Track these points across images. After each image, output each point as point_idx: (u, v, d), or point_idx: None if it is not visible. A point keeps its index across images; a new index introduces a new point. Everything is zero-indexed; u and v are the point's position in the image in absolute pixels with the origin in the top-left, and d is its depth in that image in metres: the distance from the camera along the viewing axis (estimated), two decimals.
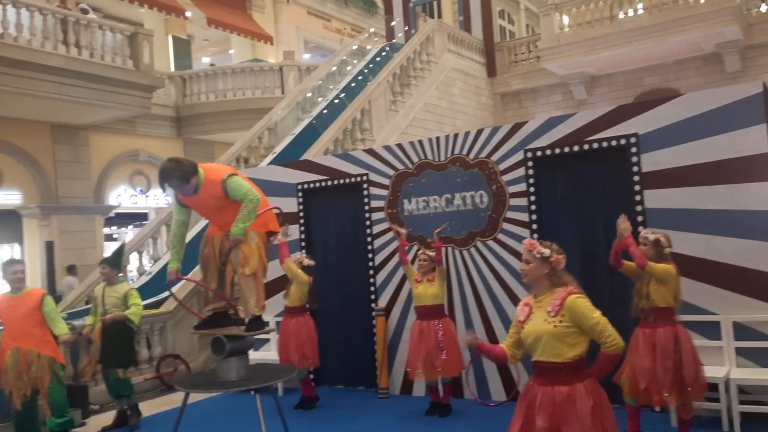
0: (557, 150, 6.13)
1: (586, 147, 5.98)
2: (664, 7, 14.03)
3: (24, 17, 11.09)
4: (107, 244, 15.07)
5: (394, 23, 19.22)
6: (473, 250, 6.67)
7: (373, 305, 7.25)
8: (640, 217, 5.64)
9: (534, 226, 6.25)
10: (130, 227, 16.77)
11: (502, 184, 6.50)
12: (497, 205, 6.52)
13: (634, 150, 5.72)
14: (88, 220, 14.13)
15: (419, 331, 6.04)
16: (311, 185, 7.75)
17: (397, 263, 7.01)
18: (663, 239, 4.72)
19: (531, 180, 6.28)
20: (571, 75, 15.93)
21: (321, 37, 22.32)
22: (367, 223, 7.35)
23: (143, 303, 7.46)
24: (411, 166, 7.10)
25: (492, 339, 6.44)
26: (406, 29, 18.70)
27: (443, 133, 8.12)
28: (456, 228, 6.76)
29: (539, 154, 6.24)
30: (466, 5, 18.15)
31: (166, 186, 4.23)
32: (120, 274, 6.68)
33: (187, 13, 16.89)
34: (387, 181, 7.25)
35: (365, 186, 7.36)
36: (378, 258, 7.28)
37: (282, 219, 4.82)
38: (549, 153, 6.18)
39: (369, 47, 17.44)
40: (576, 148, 6.03)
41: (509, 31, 20.59)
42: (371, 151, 7.51)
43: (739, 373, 5.14)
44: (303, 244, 7.75)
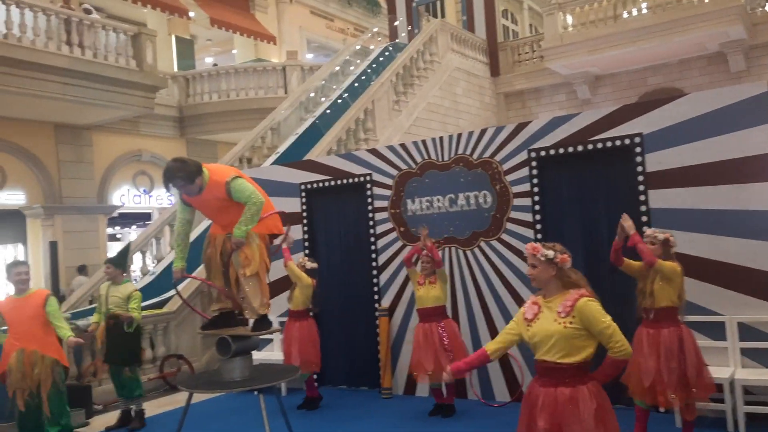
0: (561, 150, 6.12)
1: (590, 147, 5.97)
2: (668, 7, 14.00)
3: (28, 17, 11.11)
4: (110, 244, 15.10)
5: (397, 23, 19.21)
6: (477, 250, 6.65)
7: (377, 305, 7.24)
8: (644, 217, 5.62)
9: (538, 226, 6.23)
10: (133, 227, 16.81)
11: (505, 184, 6.49)
12: (501, 205, 6.51)
13: (638, 150, 5.71)
14: (91, 220, 14.15)
15: (423, 334, 6.02)
16: (314, 185, 7.75)
17: (401, 263, 7.01)
18: (672, 238, 4.75)
19: (535, 180, 6.27)
20: (575, 75, 15.90)
21: (324, 37, 22.33)
22: (371, 223, 7.34)
23: (147, 303, 7.47)
24: (414, 166, 7.09)
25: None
26: (409, 29, 18.69)
27: (446, 133, 8.10)
28: (460, 228, 6.75)
29: (543, 154, 6.22)
30: (469, 5, 18.14)
31: (170, 186, 4.24)
32: (125, 274, 6.67)
33: (191, 14, 16.92)
34: (390, 181, 7.24)
35: (368, 186, 7.35)
36: (381, 258, 7.27)
37: (287, 226, 4.83)
38: (553, 153, 6.17)
39: (372, 47, 17.44)
40: (580, 148, 6.01)
41: (512, 31, 20.55)
42: (374, 151, 7.50)
43: (744, 374, 5.13)
44: (306, 244, 7.75)
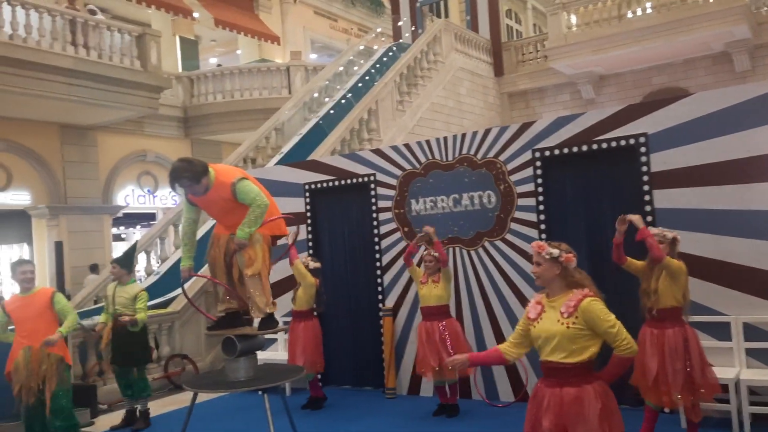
0: (565, 150, 6.11)
1: (594, 147, 5.96)
2: (672, 6, 13.98)
3: (33, 18, 11.15)
4: (115, 244, 15.14)
5: (401, 23, 19.22)
6: (481, 250, 6.65)
7: (381, 305, 7.24)
8: (649, 217, 5.60)
9: (542, 226, 6.22)
10: (137, 227, 16.85)
11: (510, 184, 6.48)
12: (505, 205, 6.51)
13: (643, 150, 5.69)
14: (96, 220, 14.19)
15: (426, 332, 6.04)
16: (318, 185, 7.76)
17: (404, 263, 7.00)
18: (678, 237, 4.75)
19: (539, 180, 6.26)
20: (579, 74, 15.88)
21: (328, 37, 22.33)
22: (375, 224, 7.34)
23: (152, 303, 7.47)
24: (418, 166, 7.09)
25: (500, 340, 6.42)
26: (413, 29, 18.70)
27: (450, 133, 8.10)
28: (464, 228, 6.74)
29: (547, 154, 6.21)
30: (473, 5, 18.13)
31: (176, 185, 4.25)
32: (131, 274, 6.67)
33: (195, 14, 16.93)
34: (394, 181, 7.24)
35: (372, 186, 7.36)
36: (385, 258, 7.27)
37: (296, 225, 4.85)
38: (557, 153, 6.16)
39: (376, 47, 17.44)
40: (584, 147, 6.00)
41: (516, 31, 20.56)
42: (378, 151, 7.50)
43: (749, 374, 5.11)
44: (310, 244, 7.76)
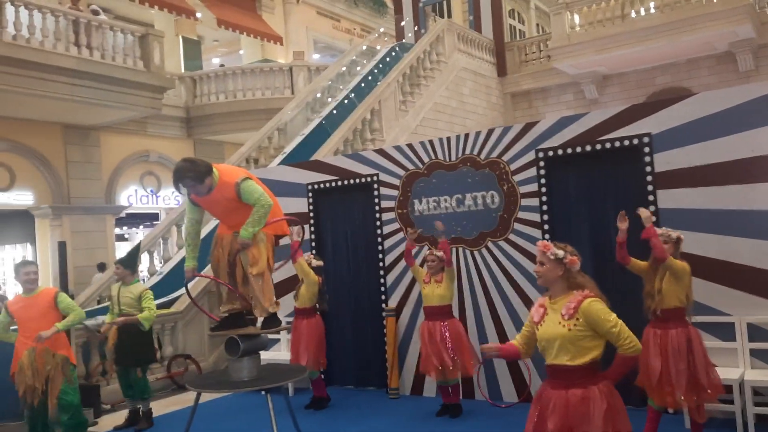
0: (569, 150, 6.10)
1: (598, 147, 5.95)
2: (676, 6, 13.94)
3: (36, 19, 11.17)
4: (118, 244, 15.16)
5: (403, 23, 19.21)
6: (484, 250, 6.64)
7: (384, 305, 7.24)
8: (653, 218, 5.57)
9: (545, 226, 6.22)
10: (140, 227, 16.87)
11: (513, 184, 6.47)
12: (508, 206, 6.50)
13: (647, 150, 5.68)
14: (99, 220, 14.22)
15: (428, 332, 6.05)
16: (321, 185, 7.76)
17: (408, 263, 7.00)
18: (682, 237, 4.76)
19: (542, 180, 6.26)
20: (583, 74, 15.85)
21: (330, 38, 22.34)
22: (378, 224, 7.34)
23: (155, 303, 7.42)
24: (422, 166, 7.08)
25: (503, 340, 6.42)
26: (415, 29, 18.68)
27: (453, 133, 8.10)
28: (467, 228, 6.73)
29: (551, 154, 6.20)
30: (476, 5, 18.11)
31: (180, 185, 4.25)
32: (134, 274, 6.65)
33: (198, 14, 16.95)
34: (397, 182, 7.23)
35: (375, 186, 7.35)
36: (388, 258, 7.27)
37: (299, 223, 4.86)
38: (561, 153, 6.15)
39: (379, 47, 17.43)
40: (588, 147, 5.99)
41: (519, 31, 20.53)
42: (381, 152, 7.50)
43: (754, 375, 5.10)
44: (313, 244, 7.75)
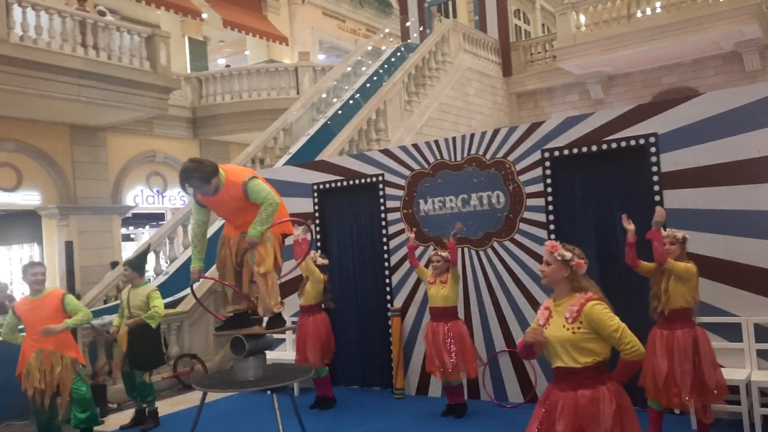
0: (575, 150, 6.09)
1: (604, 147, 5.93)
2: (682, 6, 13.89)
3: (43, 20, 11.21)
4: (124, 244, 15.21)
5: (409, 23, 19.21)
6: (490, 250, 6.63)
7: (389, 305, 7.24)
8: (663, 221, 5.56)
9: (551, 226, 6.20)
10: (146, 227, 16.92)
11: (518, 184, 6.46)
12: (514, 206, 6.49)
13: (653, 150, 5.66)
14: (105, 220, 14.26)
15: (432, 332, 6.06)
16: (327, 185, 7.76)
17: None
18: (687, 237, 4.76)
19: (548, 180, 6.24)
20: (588, 74, 15.82)
21: (336, 38, 22.35)
22: (383, 224, 7.34)
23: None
24: (427, 166, 7.08)
25: (508, 340, 6.43)
26: (421, 29, 18.68)
27: (458, 134, 8.09)
28: (472, 228, 6.73)
29: (557, 154, 6.19)
30: (481, 5, 18.10)
31: (186, 186, 4.26)
32: (143, 276, 6.63)
33: (203, 15, 16.99)
34: (403, 182, 7.23)
35: (381, 186, 7.35)
36: (393, 258, 7.27)
37: (308, 220, 4.88)
38: (567, 153, 6.14)
39: (384, 48, 17.44)
40: (594, 148, 5.98)
41: (525, 31, 20.51)
42: (387, 152, 7.50)
43: (760, 376, 5.06)
44: (319, 244, 7.76)
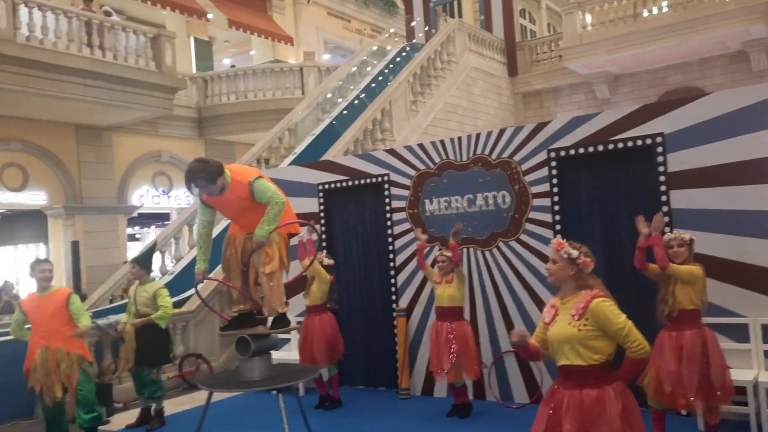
0: (581, 150, 6.07)
1: (610, 147, 5.91)
2: (688, 5, 13.84)
3: (50, 20, 11.25)
4: (130, 243, 15.24)
5: (414, 23, 19.19)
6: (495, 250, 6.62)
7: (394, 306, 7.23)
8: (666, 218, 5.54)
9: (557, 226, 6.18)
10: (152, 227, 16.95)
11: (524, 184, 6.45)
12: (520, 206, 6.47)
13: (660, 150, 5.64)
14: (111, 220, 14.29)
15: (435, 332, 6.07)
16: (332, 185, 7.76)
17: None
18: (694, 239, 4.75)
19: (554, 180, 6.22)
20: (594, 74, 15.77)
21: (341, 38, 22.36)
22: (388, 224, 7.33)
23: None
24: (432, 166, 7.07)
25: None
26: (426, 29, 18.66)
27: (464, 133, 8.07)
28: (478, 228, 6.72)
29: (563, 153, 6.17)
30: (486, 5, 18.07)
31: (192, 186, 4.26)
32: (150, 273, 6.66)
33: (209, 15, 17.02)
34: (408, 182, 7.22)
35: (386, 186, 7.35)
36: (399, 258, 7.26)
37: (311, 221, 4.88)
38: (573, 153, 6.12)
39: (389, 47, 17.43)
40: (600, 147, 5.95)
41: (530, 31, 20.47)
42: (392, 151, 7.49)
43: None
44: (324, 244, 7.76)
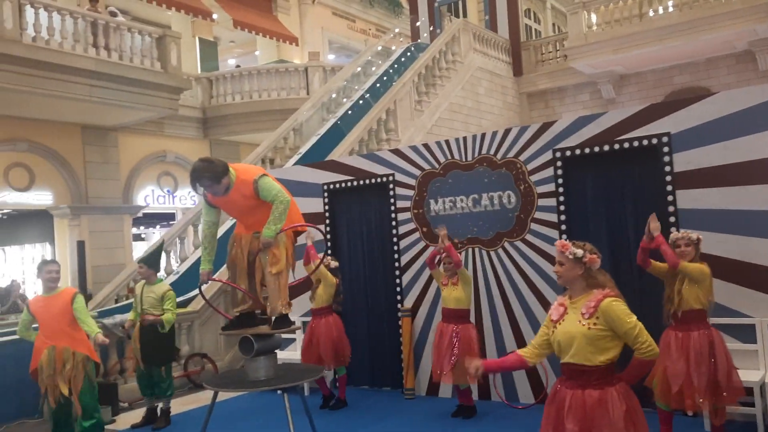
0: (587, 150, 6.05)
1: (616, 147, 5.89)
2: (694, 5, 13.79)
3: (56, 21, 11.28)
4: (135, 243, 15.28)
5: (419, 23, 19.19)
6: (501, 251, 6.61)
7: (399, 306, 7.23)
8: (672, 218, 5.54)
9: (563, 226, 6.17)
10: (157, 227, 16.99)
11: (530, 184, 6.43)
12: (525, 206, 6.46)
13: (666, 150, 5.62)
14: (116, 220, 14.33)
15: (439, 333, 6.07)
16: (337, 185, 7.76)
17: (423, 264, 6.98)
18: (701, 238, 4.74)
19: (560, 180, 6.21)
20: (599, 74, 15.73)
21: (346, 38, 22.36)
22: (393, 224, 7.33)
23: None
24: (438, 166, 7.06)
25: (520, 343, 6.37)
26: (431, 29, 18.66)
27: (469, 133, 8.07)
28: (483, 229, 6.70)
29: (568, 153, 6.16)
30: (491, 4, 18.05)
31: (197, 185, 4.26)
32: (158, 273, 6.68)
33: (214, 16, 17.05)
34: (413, 182, 7.22)
35: (391, 186, 7.34)
36: (404, 258, 7.25)
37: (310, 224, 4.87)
38: (578, 153, 6.10)
39: (394, 47, 17.42)
40: (606, 147, 5.94)
41: (535, 30, 20.42)
42: (397, 151, 7.49)
43: None
44: (329, 244, 7.75)
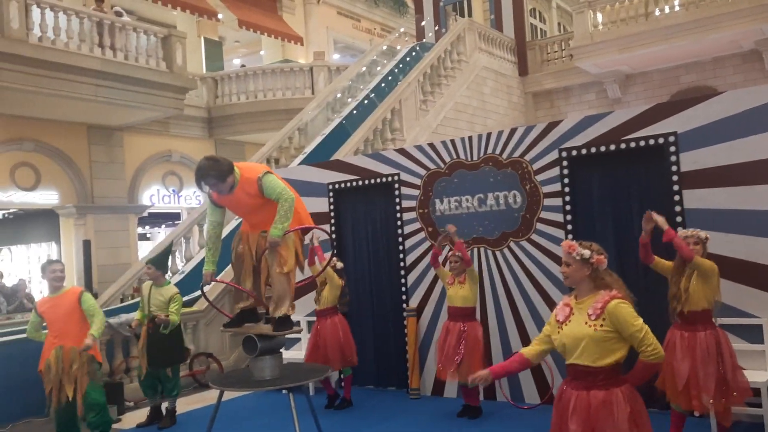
0: (593, 149, 6.03)
1: (622, 146, 5.87)
2: (701, 4, 13.74)
3: (62, 21, 11.31)
4: (140, 243, 15.31)
5: (424, 23, 19.17)
6: (506, 250, 6.59)
7: (405, 305, 7.22)
8: (678, 218, 5.51)
9: (569, 226, 6.15)
10: (162, 227, 17.03)
11: (535, 183, 6.42)
12: (531, 205, 6.44)
13: (672, 149, 5.60)
14: (122, 219, 14.37)
15: (445, 332, 6.07)
16: (342, 185, 7.76)
17: (429, 263, 6.96)
18: (709, 237, 4.71)
19: (566, 180, 6.19)
20: (605, 73, 15.69)
21: (351, 38, 22.37)
22: (399, 223, 7.32)
23: None
24: (443, 165, 7.05)
25: (525, 343, 6.34)
26: (436, 29, 18.64)
27: (474, 133, 8.05)
28: (489, 228, 6.69)
29: (574, 153, 6.14)
30: (497, 4, 18.02)
31: (202, 184, 4.26)
32: (166, 275, 6.68)
33: (219, 15, 17.07)
34: (418, 181, 7.21)
35: (396, 186, 7.33)
36: (409, 258, 7.25)
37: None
38: (584, 152, 6.08)
39: (399, 47, 17.42)
40: (612, 147, 5.92)
41: (541, 30, 20.36)
42: (403, 151, 7.48)
43: None
44: (334, 244, 7.75)
